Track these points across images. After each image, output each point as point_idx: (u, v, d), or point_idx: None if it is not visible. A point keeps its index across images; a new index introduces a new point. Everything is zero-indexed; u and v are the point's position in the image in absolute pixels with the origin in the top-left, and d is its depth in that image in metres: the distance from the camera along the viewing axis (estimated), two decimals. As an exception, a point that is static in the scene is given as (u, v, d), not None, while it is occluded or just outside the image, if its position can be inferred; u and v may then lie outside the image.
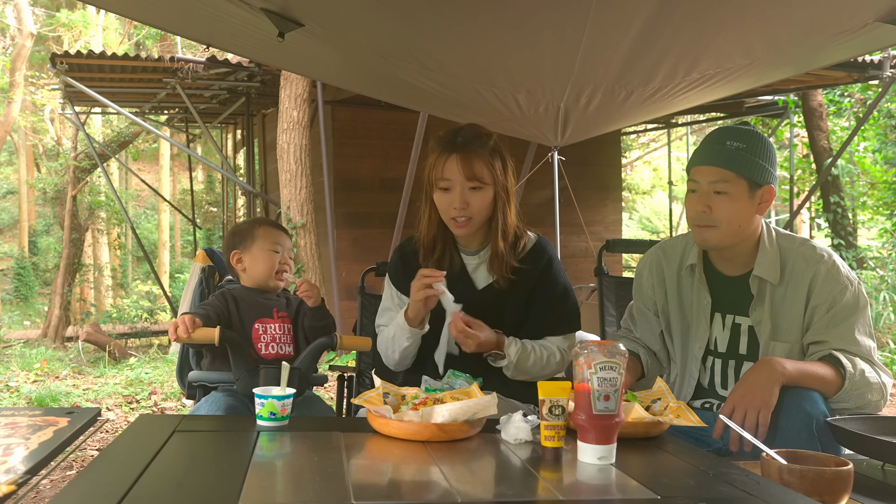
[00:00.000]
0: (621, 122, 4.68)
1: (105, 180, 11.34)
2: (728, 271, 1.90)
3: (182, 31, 4.01)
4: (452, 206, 1.89)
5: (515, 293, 1.98)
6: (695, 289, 1.93)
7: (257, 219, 2.30)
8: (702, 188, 1.81)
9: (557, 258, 2.06)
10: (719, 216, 1.79)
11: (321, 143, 6.43)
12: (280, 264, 2.16)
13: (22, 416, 1.61)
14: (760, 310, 1.83)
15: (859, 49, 3.16)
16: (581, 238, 8.48)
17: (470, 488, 1.20)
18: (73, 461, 3.74)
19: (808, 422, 1.61)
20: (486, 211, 1.92)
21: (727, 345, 1.89)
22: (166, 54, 7.69)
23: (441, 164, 1.90)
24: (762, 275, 1.82)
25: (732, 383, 1.86)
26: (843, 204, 8.82)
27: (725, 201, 1.78)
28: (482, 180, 1.89)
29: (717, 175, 1.78)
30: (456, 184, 1.88)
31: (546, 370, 1.96)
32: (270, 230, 2.19)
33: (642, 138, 16.53)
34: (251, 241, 2.16)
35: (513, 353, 1.90)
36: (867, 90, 9.01)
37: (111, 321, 11.62)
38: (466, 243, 2.02)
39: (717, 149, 1.80)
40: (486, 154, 1.90)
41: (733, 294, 1.88)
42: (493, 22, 2.56)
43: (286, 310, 2.15)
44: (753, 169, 1.77)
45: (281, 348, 2.08)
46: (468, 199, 1.88)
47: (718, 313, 1.90)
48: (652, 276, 2.02)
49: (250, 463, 1.22)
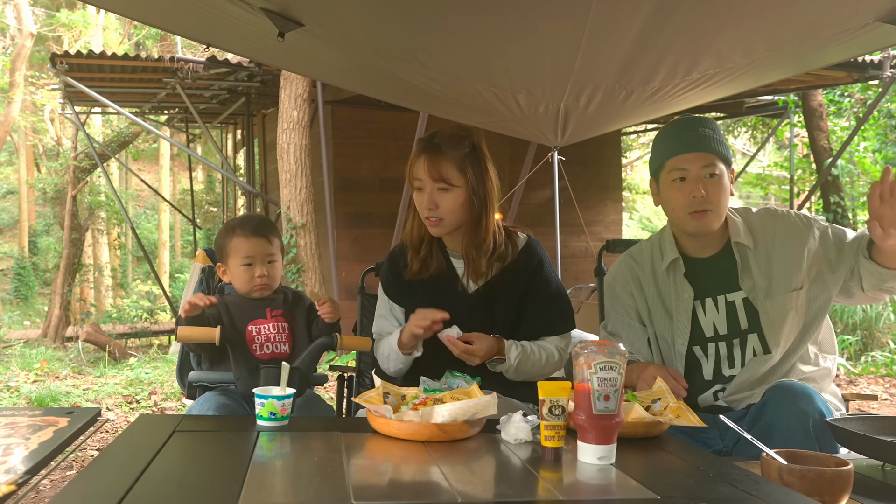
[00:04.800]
0: (621, 122, 4.67)
1: (105, 180, 11.35)
2: (704, 253, 1.94)
3: (182, 31, 4.01)
4: (423, 206, 1.92)
5: (507, 294, 1.98)
6: (675, 284, 1.95)
7: (235, 223, 2.11)
8: (692, 175, 1.85)
9: (548, 258, 2.06)
10: (715, 199, 1.84)
11: (321, 143, 6.44)
12: (256, 277, 2.04)
13: (22, 416, 1.61)
14: (749, 277, 1.88)
15: (859, 49, 3.15)
16: (581, 238, 8.49)
17: (470, 488, 1.20)
18: (73, 461, 3.74)
19: (805, 421, 1.61)
20: (457, 213, 1.92)
21: (726, 325, 1.90)
22: (166, 54, 7.70)
23: (414, 164, 1.94)
24: (741, 240, 1.89)
25: (738, 360, 1.89)
26: (843, 204, 8.81)
27: (717, 184, 1.84)
28: (449, 182, 1.89)
29: (707, 160, 1.84)
30: (426, 184, 1.91)
31: (545, 370, 1.97)
32: (241, 242, 2.05)
33: (642, 138, 16.52)
34: (226, 256, 2.08)
35: (513, 356, 1.91)
36: (867, 90, 9.02)
37: (111, 321, 11.63)
38: (453, 247, 2.02)
39: (697, 135, 1.85)
40: (457, 157, 1.89)
41: (718, 273, 1.91)
42: (494, 22, 2.56)
43: (281, 307, 2.10)
44: (725, 153, 1.86)
45: (276, 348, 2.04)
46: (437, 200, 1.90)
47: (709, 299, 1.92)
48: (628, 284, 2.03)
49: (250, 463, 1.22)
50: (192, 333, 1.88)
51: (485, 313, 1.96)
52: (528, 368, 1.94)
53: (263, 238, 2.06)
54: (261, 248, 2.05)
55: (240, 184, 9.14)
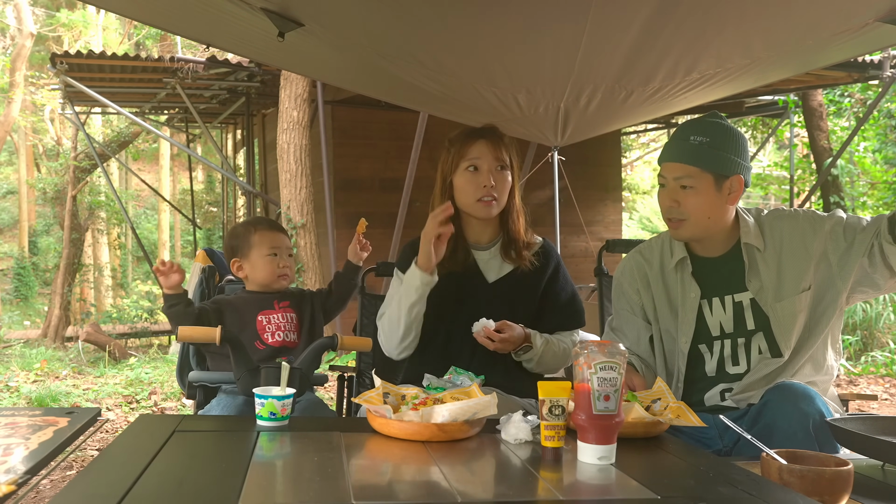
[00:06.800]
0: (621, 122, 4.68)
1: (105, 180, 11.34)
2: (712, 253, 1.94)
3: (182, 31, 4.01)
4: (482, 185, 1.96)
5: (527, 287, 2.04)
6: (682, 283, 1.94)
7: (252, 221, 2.26)
8: (669, 184, 1.86)
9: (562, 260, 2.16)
10: (687, 210, 1.84)
11: (321, 143, 6.44)
12: (280, 267, 2.18)
13: (22, 416, 1.61)
14: (757, 279, 1.87)
15: (859, 49, 3.16)
16: (581, 238, 8.49)
17: (470, 488, 1.20)
18: (73, 461, 3.74)
19: (805, 422, 1.61)
20: (507, 195, 2.02)
21: (733, 324, 1.90)
22: (166, 54, 7.70)
23: (468, 147, 1.99)
24: (751, 241, 1.88)
25: (743, 358, 1.88)
26: (843, 204, 8.81)
27: (692, 195, 1.83)
28: (506, 162, 2.00)
29: (682, 171, 1.83)
30: (484, 163, 1.97)
31: (561, 363, 2.05)
32: (266, 234, 2.19)
33: (642, 138, 16.53)
34: (248, 248, 2.18)
35: (539, 343, 1.96)
36: (867, 90, 9.02)
37: (111, 321, 11.62)
38: (477, 238, 2.06)
39: (681, 145, 1.84)
40: (507, 143, 2.04)
41: (726, 272, 1.91)
42: (494, 22, 2.56)
43: (288, 299, 2.22)
44: (718, 162, 1.81)
45: (287, 336, 2.15)
46: (496, 179, 1.97)
47: (717, 298, 1.91)
48: (635, 281, 2.03)
49: (250, 463, 1.22)
50: (192, 333, 1.88)
51: (505, 305, 2.00)
52: (549, 359, 2.00)
53: (283, 233, 2.26)
54: (283, 241, 2.22)
55: (240, 184, 9.14)
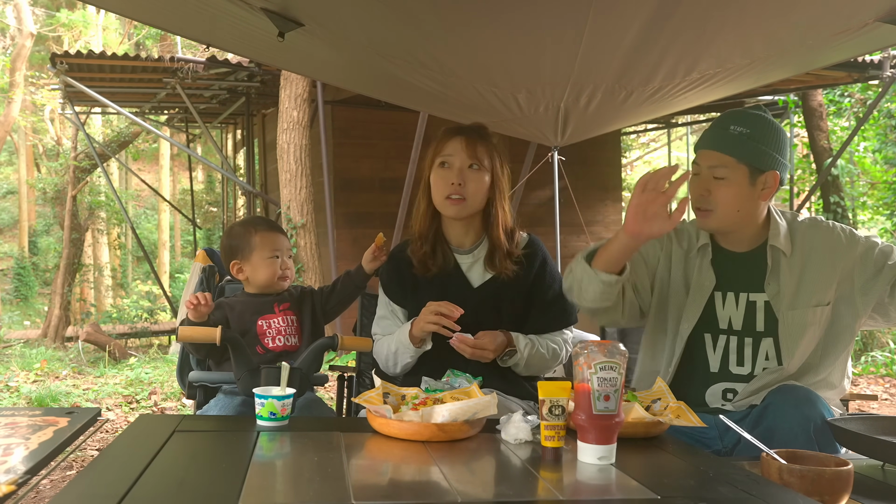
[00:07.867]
0: (621, 122, 4.68)
1: (105, 180, 11.34)
2: (738, 248, 1.90)
3: (182, 31, 4.01)
4: (449, 182, 1.92)
5: (512, 290, 1.99)
6: (700, 269, 1.91)
7: (251, 221, 2.23)
8: (702, 172, 1.83)
9: (549, 254, 2.09)
10: (717, 200, 1.81)
11: (321, 143, 6.43)
12: (281, 269, 2.16)
13: (22, 416, 1.61)
14: (776, 283, 1.84)
15: (859, 49, 3.16)
16: (581, 238, 8.48)
17: (470, 488, 1.20)
18: (73, 461, 3.74)
19: (806, 425, 1.60)
20: (479, 196, 1.96)
21: (742, 323, 1.87)
22: (166, 54, 7.70)
23: (444, 144, 1.97)
24: (778, 244, 1.84)
25: (749, 360, 1.85)
26: (843, 204, 8.81)
27: (723, 186, 1.80)
28: (481, 162, 1.94)
29: (717, 160, 1.80)
30: (456, 160, 1.94)
31: (551, 363, 2.01)
32: (267, 236, 2.15)
33: (642, 138, 16.53)
34: (249, 251, 2.14)
35: (523, 345, 1.93)
36: (867, 90, 9.01)
37: (111, 321, 11.62)
38: (460, 241, 2.03)
39: (720, 133, 1.81)
40: (489, 143, 1.98)
41: (746, 270, 1.88)
42: (494, 22, 2.56)
43: (288, 301, 2.18)
44: (755, 155, 1.78)
45: (287, 340, 2.12)
46: (465, 178, 1.93)
47: (731, 293, 1.88)
48: (660, 247, 1.96)
49: (250, 463, 1.22)
50: (193, 333, 1.88)
51: (491, 309, 1.97)
52: (537, 361, 1.96)
53: (283, 233, 2.23)
54: (284, 242, 2.19)
55: (240, 184, 9.15)
